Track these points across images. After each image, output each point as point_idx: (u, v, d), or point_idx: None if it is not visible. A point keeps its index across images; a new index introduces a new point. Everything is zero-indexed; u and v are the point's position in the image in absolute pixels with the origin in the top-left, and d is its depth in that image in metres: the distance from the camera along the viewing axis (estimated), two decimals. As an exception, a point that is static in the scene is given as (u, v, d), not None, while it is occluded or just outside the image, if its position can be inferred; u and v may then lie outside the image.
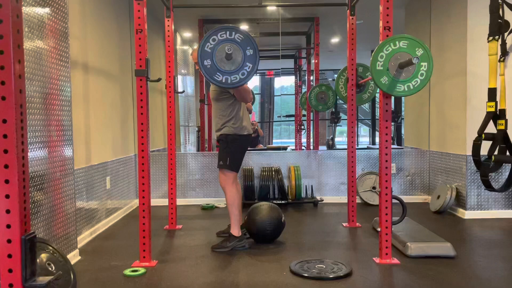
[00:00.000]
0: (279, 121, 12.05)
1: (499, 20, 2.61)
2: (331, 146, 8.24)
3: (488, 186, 2.88)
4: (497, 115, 2.77)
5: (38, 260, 2.18)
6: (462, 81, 4.28)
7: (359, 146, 9.76)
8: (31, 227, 2.50)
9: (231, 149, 3.38)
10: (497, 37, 2.64)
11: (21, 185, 1.36)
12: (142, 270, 2.84)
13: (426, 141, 5.24)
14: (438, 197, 4.59)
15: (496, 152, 2.82)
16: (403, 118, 7.52)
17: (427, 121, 5.20)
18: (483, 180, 2.87)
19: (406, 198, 4.95)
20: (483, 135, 2.82)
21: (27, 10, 2.50)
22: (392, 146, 7.33)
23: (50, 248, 2.34)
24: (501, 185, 3.17)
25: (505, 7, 2.66)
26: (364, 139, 12.58)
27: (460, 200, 4.42)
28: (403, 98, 7.09)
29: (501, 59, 2.67)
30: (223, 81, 2.88)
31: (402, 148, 5.89)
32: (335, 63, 9.54)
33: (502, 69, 2.68)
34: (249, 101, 3.55)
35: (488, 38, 2.70)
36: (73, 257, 3.04)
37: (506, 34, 2.65)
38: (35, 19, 2.58)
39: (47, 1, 2.73)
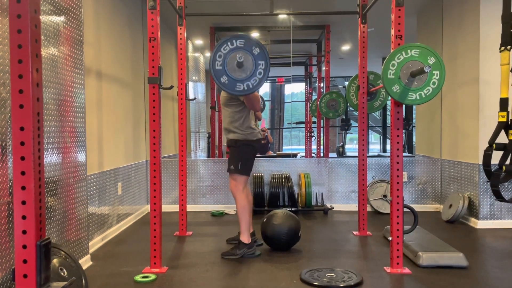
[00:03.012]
0: (289, 128, 12.05)
1: (511, 30, 2.59)
2: (341, 153, 8.21)
3: (499, 197, 2.84)
4: (508, 125, 2.74)
5: (51, 265, 2.21)
6: (475, 89, 4.25)
7: (370, 154, 9.70)
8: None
9: (242, 154, 3.40)
10: (509, 47, 2.62)
11: (37, 191, 1.38)
12: (152, 276, 2.85)
13: (437, 150, 5.20)
14: (450, 206, 4.54)
15: (507, 162, 2.78)
16: (414, 126, 7.47)
17: (439, 129, 5.16)
18: (493, 191, 2.83)
19: (417, 207, 4.93)
20: (494, 145, 2.79)
21: (43, 19, 2.55)
22: (403, 154, 7.27)
23: (63, 253, 2.36)
24: None
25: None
26: (374, 147, 12.50)
27: (472, 210, 4.37)
28: (414, 105, 7.04)
29: (513, 69, 2.64)
30: (246, 88, 2.91)
31: (414, 156, 5.86)
32: (345, 70, 9.53)
33: (515, 79, 2.65)
34: (258, 110, 3.56)
35: (500, 48, 2.68)
36: (85, 262, 3.06)
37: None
38: (51, 28, 2.63)
39: (62, 10, 2.79)
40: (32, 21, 1.37)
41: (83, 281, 2.35)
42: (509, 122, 2.73)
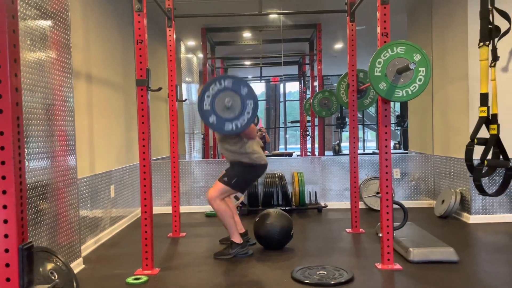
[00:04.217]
0: (284, 126, 12.05)
1: (490, 26, 2.61)
2: (337, 151, 8.24)
3: (481, 191, 2.87)
4: (489, 120, 2.76)
5: (41, 269, 2.21)
6: (464, 85, 4.27)
7: (365, 151, 9.74)
8: (35, 236, 2.54)
9: (245, 173, 3.34)
10: (487, 42, 2.64)
11: (18, 195, 1.39)
12: (144, 278, 2.86)
13: (430, 146, 5.22)
14: (443, 201, 4.56)
15: (489, 157, 2.80)
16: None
17: (431, 126, 5.19)
18: (476, 185, 2.86)
19: (410, 203, 4.97)
20: (475, 140, 2.81)
21: (29, 23, 2.56)
22: (397, 151, 7.27)
23: (54, 257, 2.37)
24: (495, 190, 3.14)
25: (495, 12, 2.66)
26: (371, 144, 12.53)
27: (464, 205, 4.39)
28: (409, 102, 7.06)
29: (492, 64, 2.66)
30: (234, 128, 2.90)
31: (407, 153, 5.88)
32: (338, 69, 9.52)
33: (494, 74, 2.67)
34: (254, 137, 3.41)
35: (479, 44, 2.70)
36: (77, 265, 3.07)
37: (496, 39, 2.64)
38: (37, 32, 2.64)
39: (48, 14, 2.79)
40: (10, 26, 1.37)
41: (74, 284, 2.36)
42: (490, 117, 2.75)
